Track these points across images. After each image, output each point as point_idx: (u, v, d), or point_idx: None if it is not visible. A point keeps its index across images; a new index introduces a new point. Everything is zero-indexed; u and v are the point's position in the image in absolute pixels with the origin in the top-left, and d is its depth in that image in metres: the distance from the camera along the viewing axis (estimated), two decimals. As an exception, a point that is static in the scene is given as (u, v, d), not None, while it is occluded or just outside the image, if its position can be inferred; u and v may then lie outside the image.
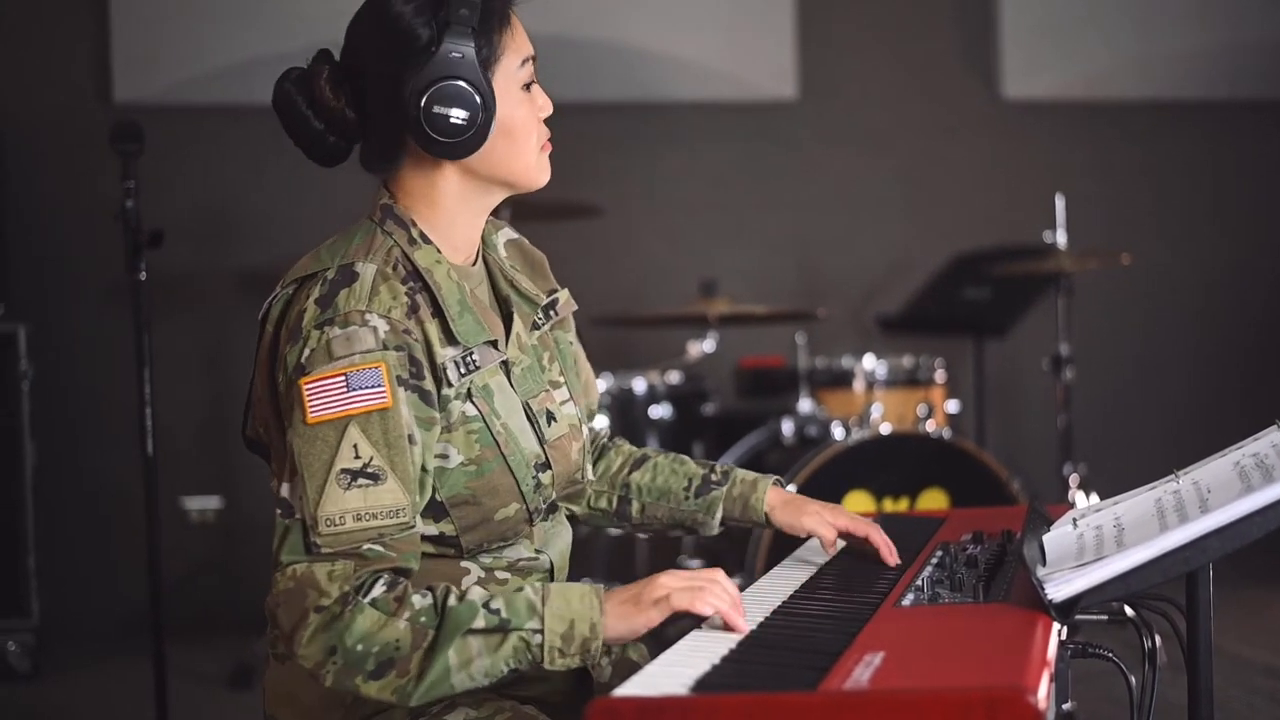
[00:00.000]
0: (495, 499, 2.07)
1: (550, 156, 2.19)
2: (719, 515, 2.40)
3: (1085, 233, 5.92)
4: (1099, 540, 1.89)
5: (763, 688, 1.55)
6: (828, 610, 1.95)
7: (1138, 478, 2.29)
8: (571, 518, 2.40)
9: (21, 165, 5.86)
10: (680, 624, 1.92)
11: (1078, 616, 1.80)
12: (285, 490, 1.93)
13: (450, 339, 2.04)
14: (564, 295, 2.31)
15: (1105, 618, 2.13)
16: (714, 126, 6.72)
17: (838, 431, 4.96)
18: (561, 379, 2.25)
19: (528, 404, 2.14)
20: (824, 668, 1.58)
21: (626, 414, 5.21)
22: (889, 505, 4.61)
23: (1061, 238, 5.35)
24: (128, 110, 5.68)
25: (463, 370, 2.04)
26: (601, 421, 5.12)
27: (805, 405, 5.19)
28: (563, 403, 2.22)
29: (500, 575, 2.11)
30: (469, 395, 2.05)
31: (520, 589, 1.89)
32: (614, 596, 1.91)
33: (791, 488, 4.46)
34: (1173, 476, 2.08)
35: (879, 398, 5.24)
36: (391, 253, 2.05)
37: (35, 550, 5.27)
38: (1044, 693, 1.45)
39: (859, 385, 5.33)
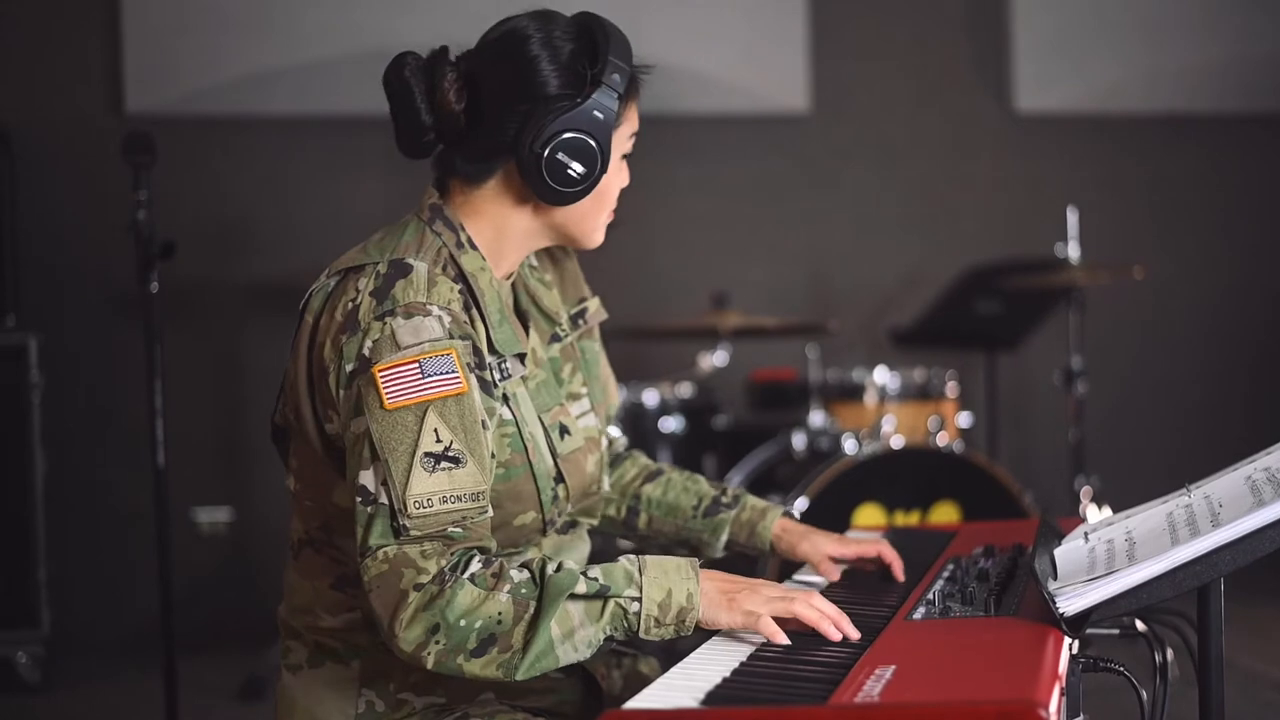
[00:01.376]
0: (517, 504, 2.08)
1: None
2: (724, 538, 2.41)
3: (1097, 246, 5.91)
4: (1110, 554, 1.89)
5: (773, 701, 1.56)
6: (838, 623, 1.94)
7: (1149, 491, 2.29)
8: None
9: (33, 176, 5.87)
10: (692, 637, 1.93)
11: (1089, 630, 1.80)
12: (366, 478, 1.92)
13: (490, 347, 2.06)
14: (594, 304, 2.34)
15: (1117, 632, 2.12)
16: (727, 139, 6.72)
17: (849, 445, 4.95)
18: (583, 390, 2.27)
19: (541, 418, 2.15)
20: (835, 681, 1.58)
21: (638, 426, 5.20)
22: (900, 519, 4.60)
23: (1073, 251, 5.35)
24: (140, 121, 5.69)
25: (500, 376, 2.06)
26: (615, 432, 5.11)
27: (817, 418, 5.18)
28: (580, 415, 2.24)
29: None
30: (505, 399, 2.07)
31: (615, 560, 1.91)
32: (711, 578, 1.93)
33: (803, 502, 4.47)
34: (1184, 490, 2.07)
35: (890, 411, 5.23)
36: (441, 253, 2.07)
37: (45, 561, 5.27)
38: (1055, 706, 1.45)
39: (870, 398, 5.33)
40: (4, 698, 5.13)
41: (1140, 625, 2.13)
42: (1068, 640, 1.74)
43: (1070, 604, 1.74)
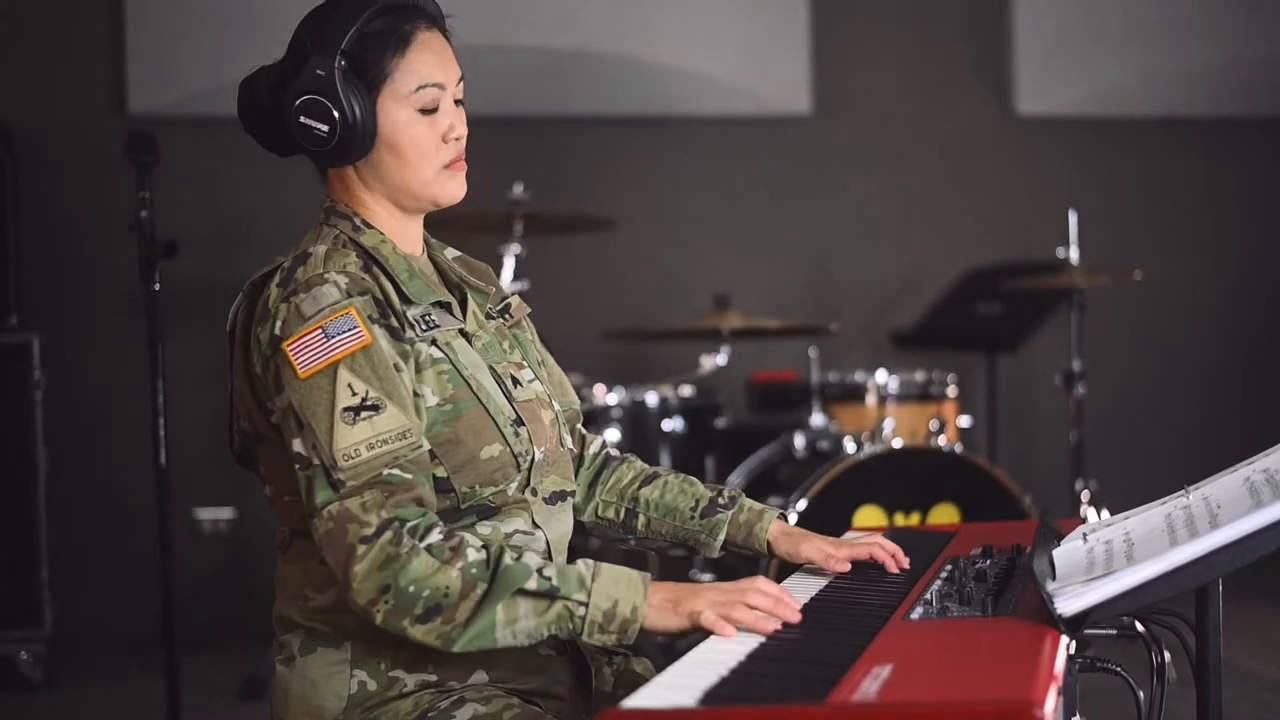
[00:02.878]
0: (476, 438, 2.13)
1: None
2: (721, 538, 2.43)
3: (1098, 248, 5.92)
4: (1109, 555, 1.90)
5: (771, 699, 1.56)
6: (836, 622, 1.95)
7: (1149, 493, 2.30)
8: (579, 527, 2.44)
9: (36, 176, 5.88)
10: (692, 636, 1.94)
11: (1087, 631, 1.80)
12: (298, 445, 2.03)
13: (404, 299, 2.15)
14: (515, 300, 2.43)
15: (1114, 632, 2.13)
16: (728, 141, 6.73)
17: (849, 446, 4.95)
18: (524, 364, 2.32)
19: (493, 368, 2.22)
20: (832, 680, 1.58)
21: (638, 427, 5.21)
22: (900, 520, 4.60)
23: (1074, 253, 5.35)
24: (142, 121, 5.70)
25: (423, 327, 2.15)
26: (613, 436, 5.12)
27: (817, 419, 5.18)
28: (530, 380, 2.30)
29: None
30: (433, 342, 2.16)
31: (573, 563, 1.98)
32: (659, 590, 1.99)
33: (802, 504, 4.48)
34: (1183, 492, 2.08)
35: (891, 412, 5.24)
36: (339, 238, 2.20)
37: (48, 560, 5.28)
38: (1051, 706, 1.45)
39: (871, 400, 5.33)
40: (6, 696, 5.15)
41: (1138, 626, 2.13)
42: (1065, 640, 1.74)
43: (1068, 604, 1.75)
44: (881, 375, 5.35)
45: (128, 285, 4.17)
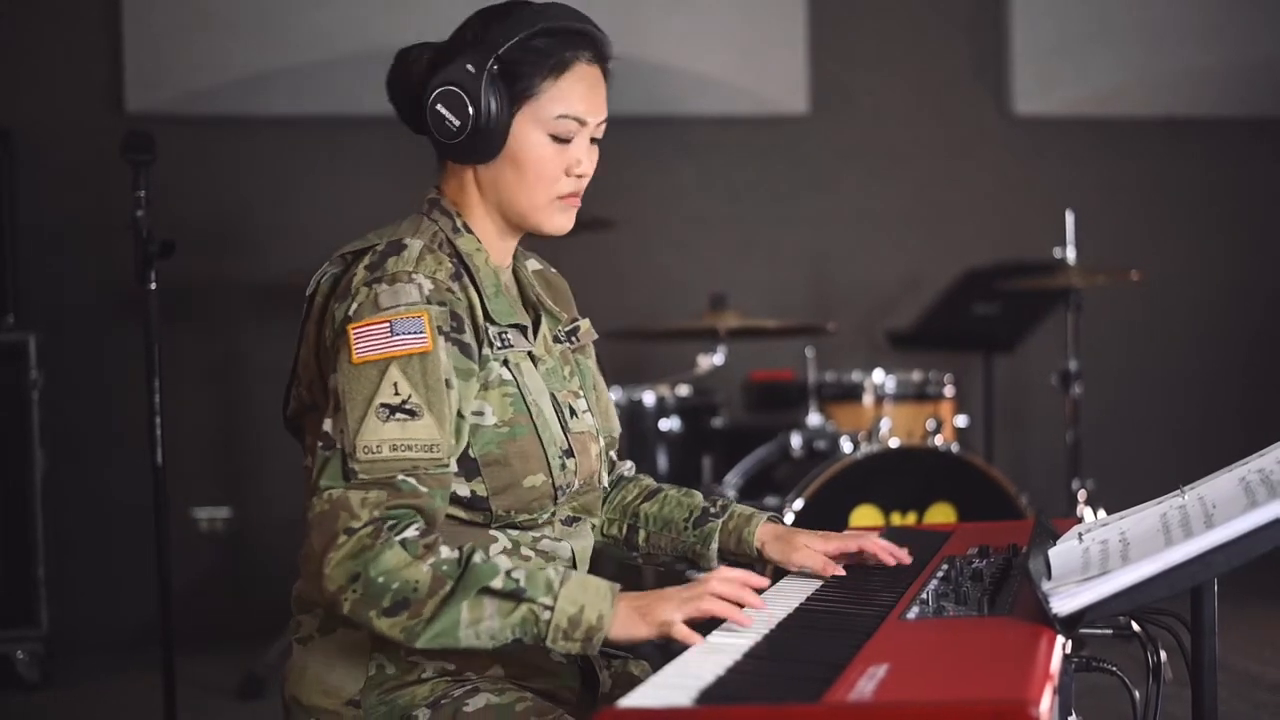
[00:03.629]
0: (525, 464, 2.15)
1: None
2: (715, 547, 2.43)
3: (1095, 249, 5.92)
4: (1104, 554, 1.90)
5: (767, 699, 1.56)
6: (832, 622, 1.95)
7: (1145, 493, 2.30)
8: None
9: (33, 175, 5.88)
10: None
11: (1083, 631, 1.80)
12: (328, 425, 2.04)
13: (485, 315, 2.17)
14: (585, 324, 2.43)
15: (1110, 632, 2.13)
16: (726, 140, 6.73)
17: (846, 445, 4.95)
18: (580, 393, 2.34)
19: (554, 395, 2.24)
20: (828, 679, 1.58)
21: (636, 426, 5.21)
22: (897, 519, 4.61)
23: (1071, 254, 5.36)
24: (139, 120, 5.69)
25: (498, 345, 2.17)
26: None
27: (814, 419, 5.18)
28: (584, 410, 2.32)
29: (525, 552, 2.16)
30: (505, 362, 2.17)
31: (543, 567, 1.98)
32: (627, 600, 1.99)
33: (799, 504, 4.48)
34: (1179, 492, 2.08)
35: (888, 412, 5.24)
36: (436, 235, 2.20)
37: (44, 559, 5.28)
38: (1047, 706, 1.45)
39: (868, 399, 5.33)
40: (3, 696, 5.14)
41: (1134, 626, 2.13)
42: (1061, 640, 1.74)
43: (1064, 604, 1.75)
44: (878, 375, 5.35)
45: (125, 284, 4.16)
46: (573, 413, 2.27)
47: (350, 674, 2.13)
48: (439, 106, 2.17)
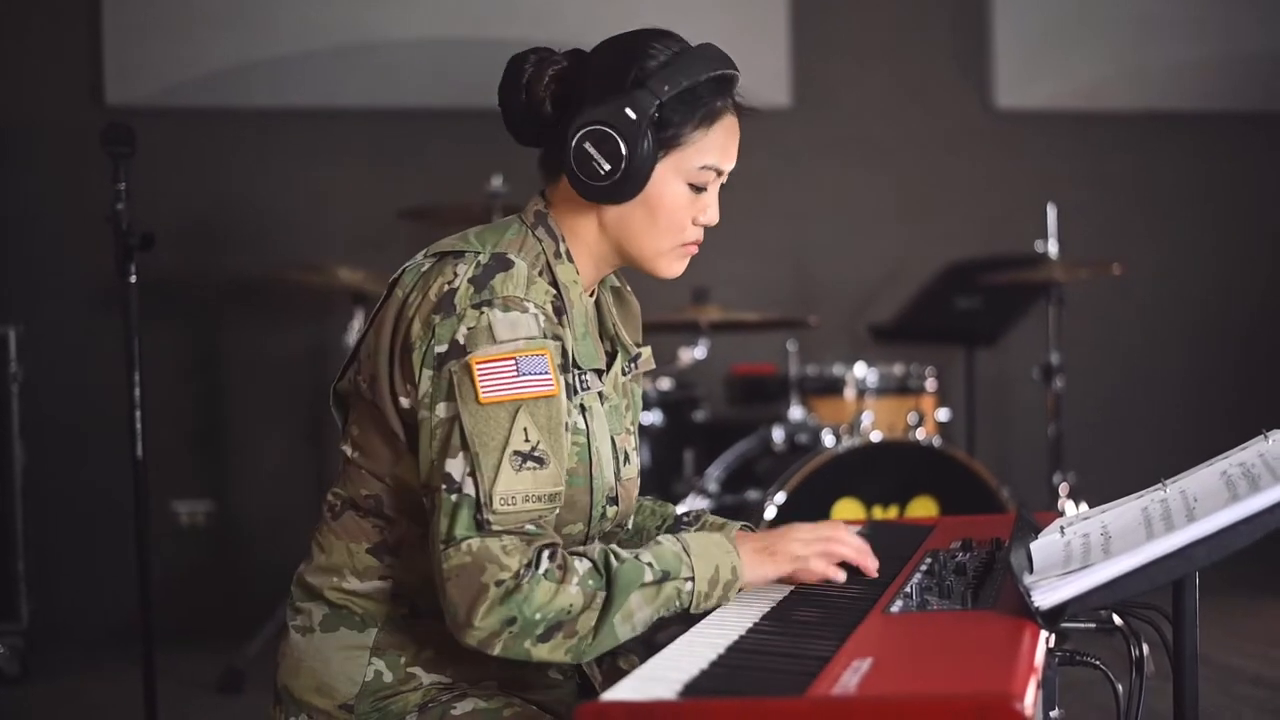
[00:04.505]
0: (570, 514, 2.12)
1: None
2: None
3: (1077, 242, 5.93)
4: (1086, 548, 1.90)
5: (751, 692, 1.56)
6: (816, 616, 1.95)
7: (1126, 487, 2.30)
8: None
9: (12, 167, 5.86)
10: (669, 629, 1.94)
11: (1065, 624, 1.80)
12: (453, 467, 1.97)
13: (573, 359, 2.12)
14: (646, 353, 2.37)
15: (1093, 626, 2.13)
16: (707, 133, 6.72)
17: (828, 439, 4.96)
18: (632, 431, 2.32)
19: (613, 439, 2.21)
20: (812, 673, 1.58)
21: (617, 420, 5.20)
22: (879, 513, 4.61)
23: (1053, 247, 5.37)
24: (119, 113, 5.67)
25: (579, 389, 2.13)
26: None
27: (796, 412, 5.19)
28: (635, 449, 2.31)
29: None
30: (581, 408, 2.13)
31: (659, 542, 2.02)
32: (746, 543, 2.07)
33: (781, 497, 4.48)
34: (1160, 485, 2.08)
35: (870, 405, 5.25)
36: (539, 258, 2.14)
37: (24, 553, 5.27)
38: (1030, 699, 1.45)
39: (850, 393, 5.34)
40: (-17, 690, 5.14)
41: (1117, 620, 2.13)
42: (1044, 634, 1.74)
43: (1046, 597, 1.75)
44: (860, 369, 5.36)
45: (105, 277, 4.14)
46: (626, 459, 2.25)
47: (347, 677, 2.11)
48: (588, 145, 2.09)
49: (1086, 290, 6.53)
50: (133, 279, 3.74)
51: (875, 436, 4.81)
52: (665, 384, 5.35)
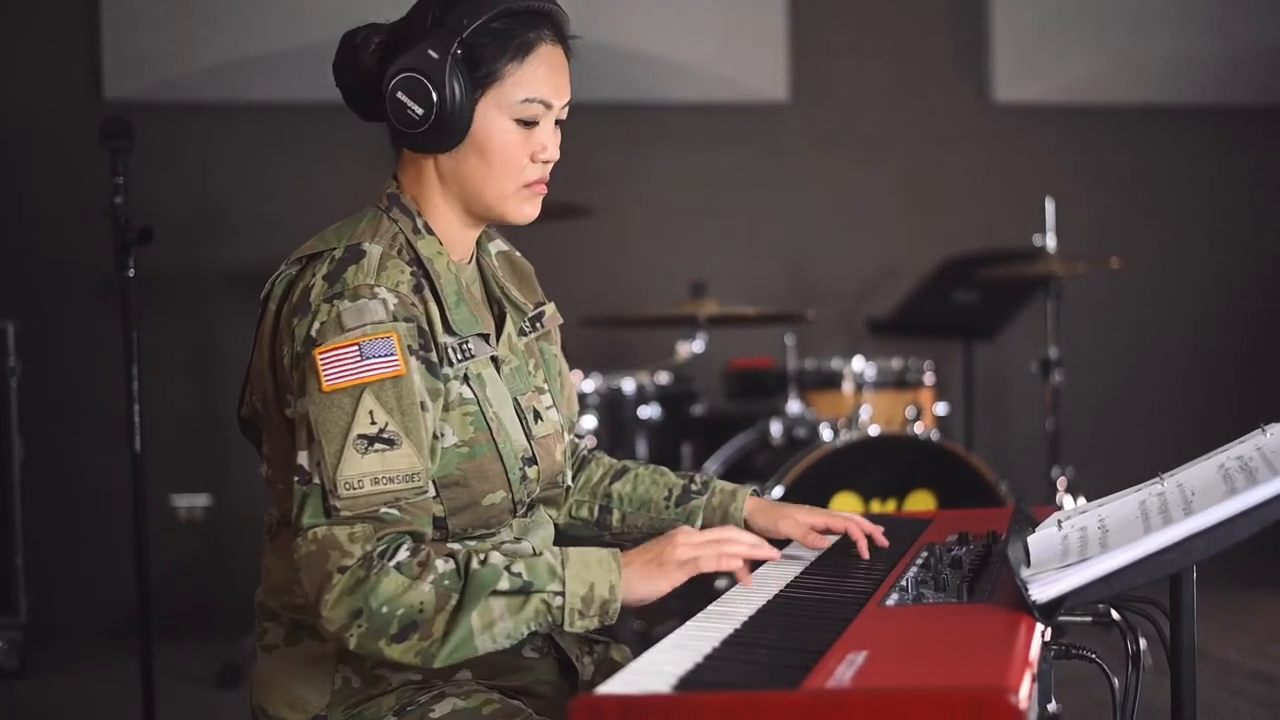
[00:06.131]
0: (484, 484, 2.11)
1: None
2: (699, 524, 2.41)
3: (1075, 237, 5.93)
4: (1083, 541, 1.90)
5: (746, 686, 1.56)
6: (812, 609, 1.95)
7: (1124, 481, 2.30)
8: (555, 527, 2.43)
9: (11, 161, 5.86)
10: (666, 623, 1.94)
11: (1062, 618, 1.80)
12: (303, 458, 1.98)
13: (446, 327, 2.10)
14: (550, 308, 2.37)
15: (1090, 620, 2.14)
16: (706, 128, 6.72)
17: (826, 433, 4.96)
18: (545, 386, 2.30)
19: (517, 400, 2.19)
20: (807, 666, 1.58)
21: (615, 414, 5.20)
22: (877, 507, 4.61)
23: (1051, 242, 5.36)
24: (118, 107, 5.67)
25: (458, 357, 2.10)
26: (589, 423, 5.11)
27: (794, 406, 5.18)
28: (548, 407, 2.28)
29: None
30: (465, 379, 2.11)
31: (540, 554, 1.95)
32: (634, 558, 1.98)
33: (779, 490, 4.48)
34: (1157, 479, 2.08)
35: (868, 399, 5.25)
36: (396, 238, 2.12)
37: (23, 547, 5.27)
38: (1026, 693, 1.46)
39: (848, 387, 5.34)
40: (-19, 684, 5.14)
41: (1114, 614, 2.13)
42: (1040, 627, 1.74)
43: (1042, 591, 1.75)
44: (858, 363, 5.35)
45: (103, 271, 4.14)
46: (537, 416, 2.23)
47: (315, 687, 2.11)
48: (400, 94, 2.10)
49: (1084, 284, 6.52)
50: (131, 273, 3.75)
51: (873, 430, 4.80)
52: (663, 378, 5.34)
